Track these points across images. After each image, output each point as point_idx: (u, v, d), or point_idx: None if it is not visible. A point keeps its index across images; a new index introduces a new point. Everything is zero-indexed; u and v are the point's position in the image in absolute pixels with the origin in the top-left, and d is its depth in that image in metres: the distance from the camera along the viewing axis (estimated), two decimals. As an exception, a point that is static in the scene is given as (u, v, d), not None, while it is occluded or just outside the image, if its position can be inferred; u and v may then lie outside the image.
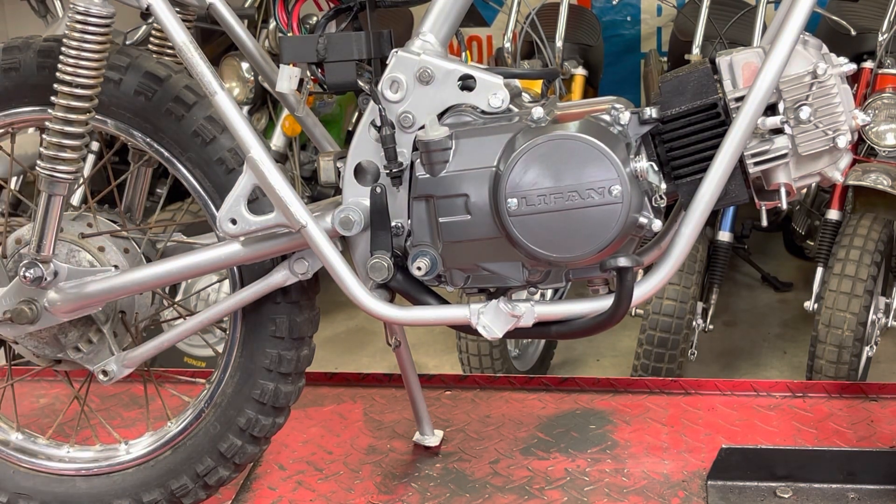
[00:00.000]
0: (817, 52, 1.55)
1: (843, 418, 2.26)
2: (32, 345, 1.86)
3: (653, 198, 1.54)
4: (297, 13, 1.68)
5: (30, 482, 1.96)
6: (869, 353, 2.94)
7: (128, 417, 2.42)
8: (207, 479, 1.88)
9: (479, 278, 1.63)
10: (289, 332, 1.80)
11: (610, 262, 1.49)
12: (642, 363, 2.96)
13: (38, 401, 2.54)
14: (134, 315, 1.89)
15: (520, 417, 2.34)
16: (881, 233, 2.91)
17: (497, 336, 1.63)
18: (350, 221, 1.63)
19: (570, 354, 3.70)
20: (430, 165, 1.56)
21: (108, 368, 1.84)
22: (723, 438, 2.18)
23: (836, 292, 2.81)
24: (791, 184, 1.56)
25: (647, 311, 2.95)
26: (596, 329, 1.62)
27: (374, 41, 1.64)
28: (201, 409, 1.88)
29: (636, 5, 4.75)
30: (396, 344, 2.05)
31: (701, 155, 1.56)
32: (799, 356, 3.53)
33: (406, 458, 2.21)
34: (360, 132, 1.63)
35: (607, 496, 2.02)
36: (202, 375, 2.32)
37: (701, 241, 3.11)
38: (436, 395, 2.45)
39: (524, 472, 2.12)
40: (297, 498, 2.09)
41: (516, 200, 1.50)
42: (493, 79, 1.59)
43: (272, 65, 1.87)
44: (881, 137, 3.00)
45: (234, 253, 1.72)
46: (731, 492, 2.00)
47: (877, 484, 1.98)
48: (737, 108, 1.52)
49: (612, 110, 1.54)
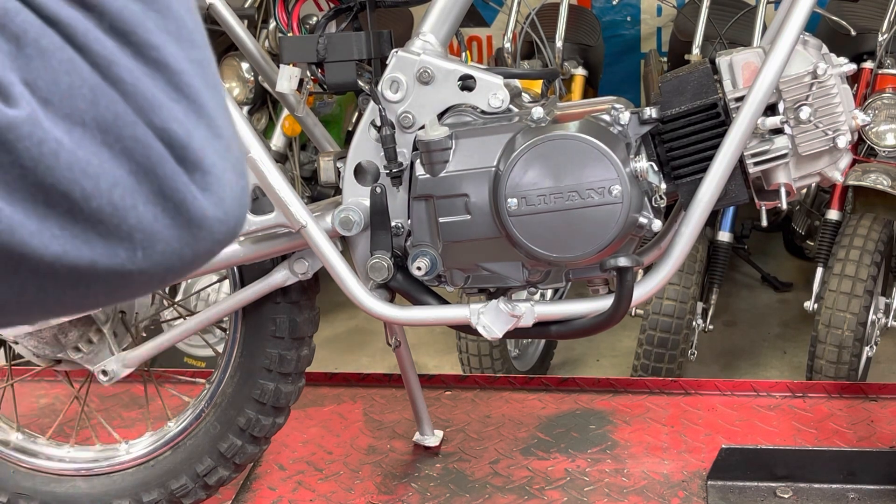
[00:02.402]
0: (817, 52, 1.55)
1: (843, 418, 2.26)
2: (32, 345, 1.86)
3: (653, 198, 1.54)
4: (297, 13, 1.68)
5: (30, 482, 1.96)
6: (869, 354, 2.93)
7: (128, 417, 2.42)
8: (207, 479, 1.88)
9: (479, 278, 1.63)
10: (289, 331, 1.80)
11: (610, 262, 1.49)
12: (642, 363, 2.96)
13: (38, 401, 2.54)
14: (134, 315, 1.90)
15: (520, 417, 2.34)
16: (881, 233, 2.91)
17: (497, 336, 1.63)
18: (350, 221, 1.63)
19: (570, 354, 3.70)
20: (430, 165, 1.56)
21: (107, 368, 1.84)
22: (723, 438, 2.18)
23: (836, 292, 2.81)
24: (791, 184, 1.56)
25: (647, 311, 2.95)
26: (596, 329, 1.62)
27: (374, 41, 1.64)
28: (201, 409, 1.88)
29: (636, 5, 4.74)
30: (396, 344, 2.05)
31: (701, 155, 1.56)
32: (799, 356, 3.52)
33: (406, 458, 2.21)
34: (360, 132, 1.63)
35: (607, 496, 2.02)
36: (202, 375, 2.32)
37: (701, 241, 3.11)
38: (436, 395, 2.45)
39: (524, 472, 2.11)
40: (297, 498, 2.09)
41: (516, 200, 1.50)
42: (493, 79, 1.59)
43: (272, 65, 1.87)
44: (881, 137, 3.00)
45: (234, 253, 1.72)
46: (731, 492, 1.99)
47: (877, 484, 1.98)
48: (737, 108, 1.52)
49: (612, 110, 1.54)
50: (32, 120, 0.46)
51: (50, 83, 0.47)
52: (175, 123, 0.50)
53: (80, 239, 0.48)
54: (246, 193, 0.55)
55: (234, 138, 0.54)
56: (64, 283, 0.49)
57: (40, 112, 0.47)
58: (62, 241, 0.48)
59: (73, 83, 0.48)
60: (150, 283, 0.52)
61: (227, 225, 0.53)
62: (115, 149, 0.49)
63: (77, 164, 0.47)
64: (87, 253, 0.48)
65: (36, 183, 0.47)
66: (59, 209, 0.47)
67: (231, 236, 0.54)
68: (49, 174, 0.47)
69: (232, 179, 0.53)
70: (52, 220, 0.47)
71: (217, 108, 0.53)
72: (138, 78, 0.50)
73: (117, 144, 0.49)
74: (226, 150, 0.53)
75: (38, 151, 0.46)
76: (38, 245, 0.47)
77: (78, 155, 0.47)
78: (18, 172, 0.46)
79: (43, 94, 0.47)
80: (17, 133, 0.46)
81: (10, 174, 0.46)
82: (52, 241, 0.47)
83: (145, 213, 0.49)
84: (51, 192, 0.47)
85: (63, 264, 0.48)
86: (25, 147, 0.46)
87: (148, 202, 0.49)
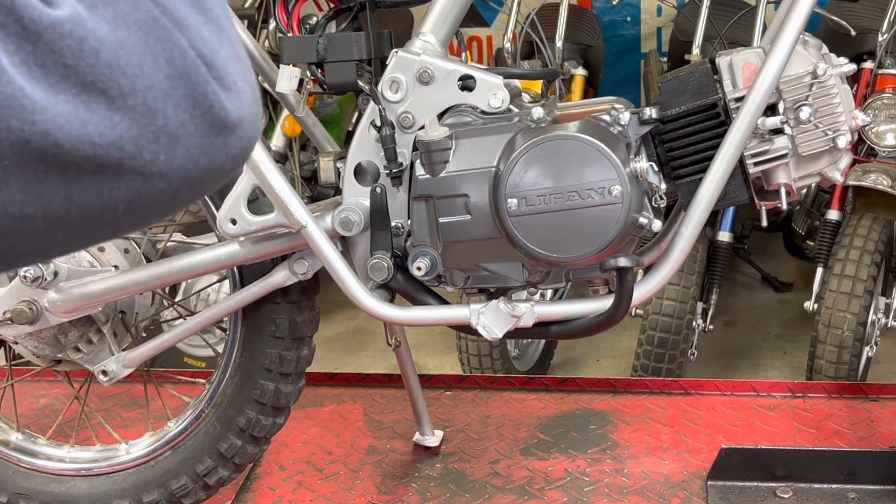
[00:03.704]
0: (817, 52, 1.55)
1: (843, 418, 2.26)
2: (32, 345, 1.86)
3: (653, 198, 1.54)
4: (297, 13, 1.68)
5: (30, 482, 1.96)
6: (869, 354, 2.93)
7: (128, 417, 2.42)
8: (207, 479, 1.88)
9: (479, 278, 1.63)
10: (289, 332, 1.80)
11: (610, 263, 1.49)
12: (642, 363, 2.96)
13: (38, 401, 2.54)
14: (134, 315, 1.89)
15: (520, 417, 2.34)
16: (881, 233, 2.91)
17: (497, 336, 1.63)
18: (350, 222, 1.62)
19: (570, 354, 3.70)
20: (431, 165, 1.55)
21: (107, 368, 1.84)
22: (723, 438, 2.18)
23: (836, 292, 2.81)
24: (791, 184, 1.56)
25: (647, 312, 2.95)
26: (596, 329, 1.62)
27: (374, 41, 1.64)
28: (201, 409, 1.88)
29: (636, 5, 4.75)
30: (396, 344, 2.05)
31: (701, 155, 1.56)
32: (799, 356, 3.52)
33: (406, 458, 2.21)
34: (360, 132, 1.63)
35: (607, 496, 2.02)
36: (202, 375, 2.32)
37: (701, 241, 3.11)
38: (436, 396, 2.45)
39: (524, 473, 2.11)
40: (297, 498, 2.09)
41: (516, 200, 1.50)
42: (493, 79, 1.59)
43: (272, 65, 1.87)
44: (881, 137, 3.00)
45: (234, 253, 1.71)
46: (731, 492, 1.99)
47: (877, 484, 1.98)
48: (737, 108, 1.52)
49: (612, 110, 1.54)
50: (74, 19, 0.49)
51: None
52: (204, 41, 0.54)
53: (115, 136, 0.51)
54: (259, 119, 0.59)
55: (250, 67, 0.58)
56: (90, 189, 0.51)
57: (84, 13, 0.50)
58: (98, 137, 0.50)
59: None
60: (165, 194, 0.54)
61: (242, 142, 0.56)
62: (156, 51, 0.52)
63: (117, 63, 0.50)
64: (117, 151, 0.51)
65: (77, 79, 0.49)
66: (99, 106, 0.50)
67: (243, 156, 0.57)
68: (89, 71, 0.50)
69: (250, 100, 0.57)
70: (92, 116, 0.50)
71: (236, 36, 0.57)
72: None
73: (158, 47, 0.52)
74: (245, 72, 0.57)
75: (80, 49, 0.49)
76: (76, 141, 0.50)
77: (119, 54, 0.51)
78: (62, 70, 0.49)
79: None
80: (59, 31, 0.49)
81: (55, 72, 0.49)
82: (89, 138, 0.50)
83: (174, 117, 0.52)
84: (91, 88, 0.50)
85: (93, 162, 0.50)
86: (67, 45, 0.49)
87: (178, 107, 0.53)
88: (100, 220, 0.53)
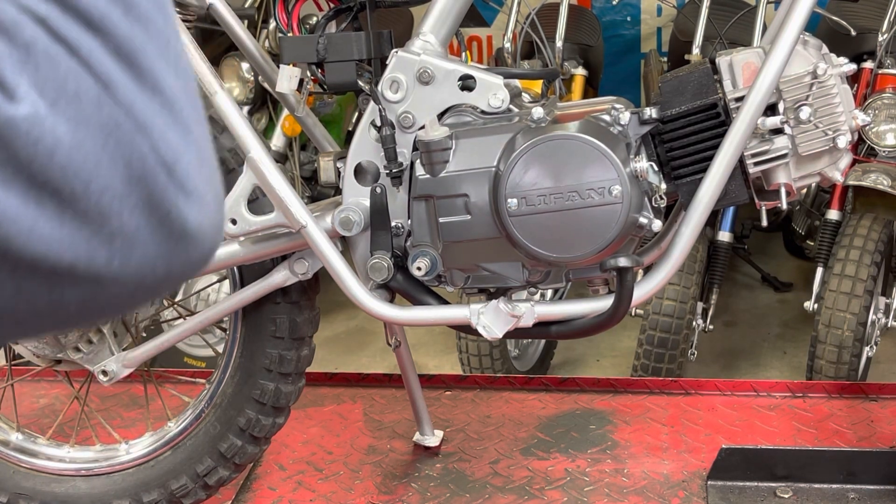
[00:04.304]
0: (817, 52, 1.55)
1: (843, 418, 2.26)
2: (32, 345, 1.86)
3: (653, 198, 1.54)
4: (297, 13, 1.68)
5: (30, 482, 1.96)
6: (869, 354, 2.93)
7: (128, 417, 2.42)
8: (207, 479, 1.88)
9: (479, 278, 1.63)
10: (289, 332, 1.80)
11: (610, 263, 1.49)
12: (642, 363, 2.96)
13: (38, 401, 2.54)
14: (134, 315, 1.89)
15: (520, 417, 2.34)
16: (881, 233, 2.91)
17: (497, 336, 1.63)
18: (350, 222, 1.63)
19: (570, 354, 3.70)
20: (431, 165, 1.55)
21: (107, 368, 1.84)
22: (723, 438, 2.18)
23: (836, 292, 2.81)
24: (791, 184, 1.56)
25: (647, 311, 2.95)
26: (596, 329, 1.62)
27: (374, 41, 1.64)
28: (201, 409, 1.88)
29: (636, 5, 4.74)
30: (396, 344, 2.05)
31: (701, 155, 1.56)
32: (799, 356, 3.52)
33: (406, 458, 2.21)
34: (360, 132, 1.63)
35: (607, 496, 2.02)
36: (202, 375, 2.32)
37: (701, 241, 3.11)
38: (436, 395, 2.45)
39: (524, 472, 2.11)
40: (297, 498, 2.09)
41: (516, 200, 1.50)
42: (493, 79, 1.59)
43: (272, 65, 1.87)
44: (881, 137, 3.00)
45: (234, 253, 1.71)
46: (731, 492, 1.99)
47: (877, 484, 1.98)
48: (737, 108, 1.52)
49: (612, 110, 1.54)
50: (32, 118, 0.48)
51: (58, 86, 0.49)
52: (167, 145, 0.52)
53: (66, 238, 0.49)
54: (221, 228, 0.57)
55: (217, 171, 0.56)
56: (40, 286, 0.50)
57: (44, 111, 0.48)
58: (48, 238, 0.49)
59: (79, 88, 0.49)
60: (119, 297, 0.53)
61: (202, 250, 0.54)
62: (114, 154, 0.50)
63: (71, 165, 0.49)
64: (68, 254, 0.49)
65: (30, 178, 0.48)
66: (50, 206, 0.49)
67: (200, 264, 0.55)
68: (42, 172, 0.48)
69: (212, 208, 0.55)
70: (41, 216, 0.49)
71: (204, 138, 0.55)
72: (138, 98, 0.52)
73: (117, 151, 0.50)
74: (210, 176, 0.55)
75: (34, 149, 0.48)
76: (26, 239, 0.48)
77: (74, 157, 0.49)
78: (13, 168, 0.48)
79: (51, 96, 0.49)
80: (16, 130, 0.47)
81: (7, 168, 0.48)
82: (39, 238, 0.49)
83: (129, 221, 0.51)
84: (43, 188, 0.48)
85: (45, 263, 0.49)
86: (22, 144, 0.48)
87: (134, 212, 0.51)
88: (50, 317, 0.52)
